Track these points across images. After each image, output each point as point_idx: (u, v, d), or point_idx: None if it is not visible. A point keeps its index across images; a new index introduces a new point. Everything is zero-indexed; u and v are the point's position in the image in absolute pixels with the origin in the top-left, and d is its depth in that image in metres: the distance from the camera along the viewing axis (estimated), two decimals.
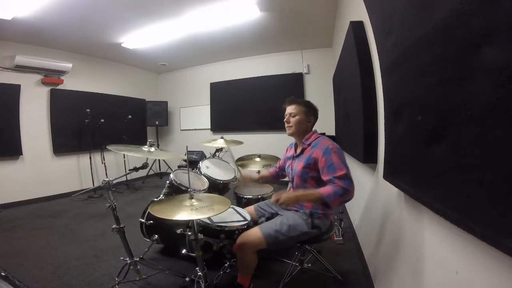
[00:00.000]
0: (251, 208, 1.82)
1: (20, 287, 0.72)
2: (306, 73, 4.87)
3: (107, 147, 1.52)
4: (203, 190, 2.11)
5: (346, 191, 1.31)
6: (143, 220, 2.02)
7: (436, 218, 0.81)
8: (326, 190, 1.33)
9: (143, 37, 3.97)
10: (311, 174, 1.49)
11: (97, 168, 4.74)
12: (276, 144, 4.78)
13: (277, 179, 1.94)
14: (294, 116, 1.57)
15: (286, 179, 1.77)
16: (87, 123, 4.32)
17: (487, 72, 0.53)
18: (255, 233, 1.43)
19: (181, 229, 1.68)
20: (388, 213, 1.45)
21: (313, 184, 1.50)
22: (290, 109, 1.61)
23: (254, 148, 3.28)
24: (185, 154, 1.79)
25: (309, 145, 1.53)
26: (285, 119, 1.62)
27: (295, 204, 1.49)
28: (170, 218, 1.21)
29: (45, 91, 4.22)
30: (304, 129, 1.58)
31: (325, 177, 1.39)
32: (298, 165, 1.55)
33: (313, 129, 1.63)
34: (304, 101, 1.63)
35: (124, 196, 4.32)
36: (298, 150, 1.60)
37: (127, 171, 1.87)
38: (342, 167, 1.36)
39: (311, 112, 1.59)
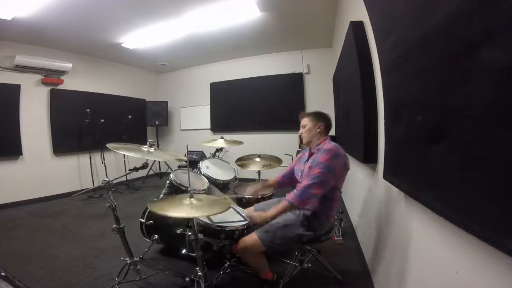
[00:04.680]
0: (251, 209, 1.82)
1: (20, 287, 0.72)
2: (306, 73, 4.87)
3: (106, 145, 1.52)
4: (203, 190, 2.11)
5: (306, 192, 1.39)
6: (143, 220, 2.02)
7: (436, 218, 0.81)
8: (290, 196, 1.44)
9: (143, 37, 3.96)
10: None
11: (97, 168, 4.74)
12: (276, 144, 4.80)
13: (279, 187, 1.90)
14: (304, 127, 1.65)
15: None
16: (87, 123, 4.32)
17: (487, 72, 0.53)
18: (252, 237, 1.45)
19: (181, 229, 1.68)
20: (388, 213, 1.45)
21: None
22: (302, 122, 1.68)
23: (254, 148, 3.28)
24: (185, 155, 1.79)
25: (318, 150, 1.55)
26: (299, 132, 1.70)
27: (271, 220, 1.54)
28: (169, 215, 1.21)
29: (45, 91, 4.22)
30: (314, 136, 1.62)
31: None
32: (306, 167, 1.59)
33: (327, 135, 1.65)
34: (313, 112, 1.68)
35: (124, 196, 4.32)
36: (309, 155, 1.66)
37: (127, 171, 1.86)
38: (320, 168, 1.41)
39: (320, 119, 1.63)
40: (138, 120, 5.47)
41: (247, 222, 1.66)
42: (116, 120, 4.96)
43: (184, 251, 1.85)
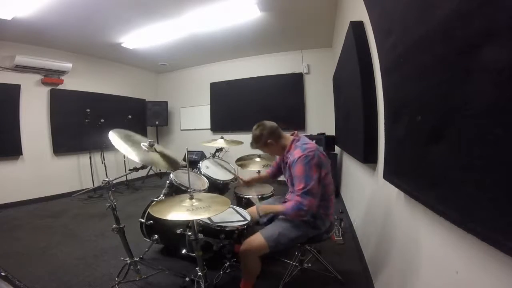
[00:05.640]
0: (253, 208, 1.82)
1: (20, 287, 0.72)
2: (306, 73, 4.87)
3: (110, 132, 1.46)
4: (203, 190, 2.11)
5: (300, 208, 1.37)
6: (143, 220, 2.02)
7: (436, 218, 0.81)
8: (287, 206, 1.44)
9: (143, 37, 3.97)
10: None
11: (97, 168, 4.74)
12: None
13: (274, 178, 1.97)
14: (265, 152, 1.69)
15: (282, 178, 1.79)
16: (87, 123, 4.32)
17: (487, 72, 0.53)
18: (258, 239, 1.44)
19: (181, 229, 1.68)
20: (388, 213, 1.45)
21: None
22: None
23: None
24: (184, 159, 1.77)
25: (289, 156, 1.54)
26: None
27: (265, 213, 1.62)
28: (170, 219, 1.21)
29: (45, 91, 4.22)
30: (280, 148, 1.61)
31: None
32: (286, 174, 1.62)
33: (290, 135, 1.62)
34: (253, 140, 1.63)
35: (124, 196, 4.32)
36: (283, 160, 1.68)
37: (127, 171, 1.87)
38: (302, 181, 1.38)
39: (264, 138, 1.57)
40: (138, 120, 5.47)
41: (247, 222, 1.66)
42: (116, 120, 4.93)
43: (184, 251, 1.85)
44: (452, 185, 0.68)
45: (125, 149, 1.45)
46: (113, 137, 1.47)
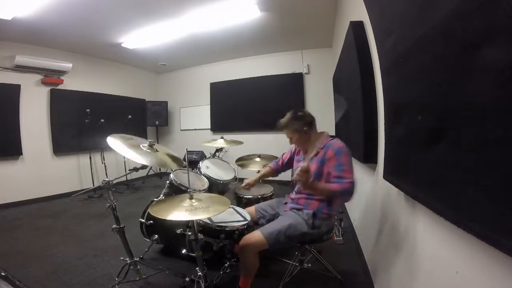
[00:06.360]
0: (252, 208, 1.82)
1: (20, 287, 0.72)
2: (306, 73, 4.87)
3: (108, 137, 1.48)
4: (203, 190, 2.11)
5: (349, 191, 1.36)
6: (143, 220, 2.02)
7: (436, 218, 0.81)
8: (334, 186, 1.36)
9: (143, 37, 3.97)
10: (324, 176, 1.49)
11: (97, 168, 4.74)
12: (276, 144, 4.79)
13: (277, 174, 1.97)
14: (292, 138, 1.63)
15: (285, 178, 1.77)
16: (87, 123, 4.32)
17: (487, 72, 0.53)
18: (257, 235, 1.44)
19: (181, 229, 1.68)
20: (388, 213, 1.45)
21: None
22: (285, 133, 1.65)
23: (254, 148, 3.28)
24: (184, 158, 1.76)
25: (322, 148, 1.52)
26: (291, 144, 1.69)
27: (307, 188, 1.46)
28: (170, 219, 1.21)
29: (45, 91, 4.22)
30: (307, 139, 1.60)
31: (333, 174, 1.42)
32: (311, 167, 1.53)
33: (323, 131, 1.61)
34: (289, 120, 1.60)
35: (124, 196, 4.32)
36: (312, 153, 1.57)
37: (127, 171, 1.87)
38: (350, 169, 1.40)
39: (301, 124, 1.57)
40: (138, 120, 5.47)
41: (247, 222, 1.66)
42: (116, 120, 4.95)
43: (184, 251, 1.85)
44: (452, 185, 0.68)
45: (128, 152, 1.45)
46: (113, 142, 1.47)
